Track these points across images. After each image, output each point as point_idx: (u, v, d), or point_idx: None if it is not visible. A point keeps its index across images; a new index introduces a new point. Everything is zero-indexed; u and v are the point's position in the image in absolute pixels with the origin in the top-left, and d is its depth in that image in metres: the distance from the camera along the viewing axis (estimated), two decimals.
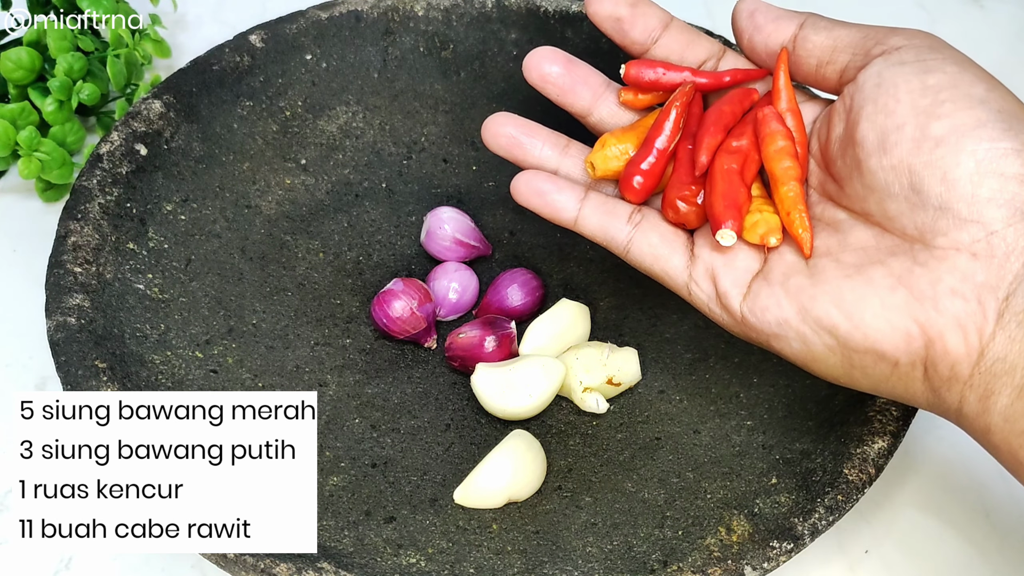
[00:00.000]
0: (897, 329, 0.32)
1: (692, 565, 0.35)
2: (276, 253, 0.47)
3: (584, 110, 0.41)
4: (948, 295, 0.31)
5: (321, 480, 0.39)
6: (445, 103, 0.52)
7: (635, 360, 0.43)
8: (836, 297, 0.33)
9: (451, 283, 0.46)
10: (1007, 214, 0.31)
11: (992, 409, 0.31)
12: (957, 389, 0.32)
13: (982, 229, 0.31)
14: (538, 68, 0.40)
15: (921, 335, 0.32)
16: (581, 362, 0.42)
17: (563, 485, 0.40)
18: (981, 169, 0.31)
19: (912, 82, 0.33)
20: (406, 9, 0.51)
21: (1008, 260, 0.31)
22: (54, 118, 0.51)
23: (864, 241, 0.34)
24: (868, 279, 0.33)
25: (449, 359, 0.44)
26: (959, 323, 0.31)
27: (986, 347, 0.31)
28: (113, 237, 0.42)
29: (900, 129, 0.33)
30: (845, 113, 0.35)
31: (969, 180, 0.31)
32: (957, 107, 0.32)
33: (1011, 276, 0.31)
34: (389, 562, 0.36)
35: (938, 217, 0.32)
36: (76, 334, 0.38)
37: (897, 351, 0.32)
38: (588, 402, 0.42)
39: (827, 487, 0.36)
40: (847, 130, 0.35)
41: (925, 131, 0.32)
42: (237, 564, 0.33)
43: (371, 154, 0.51)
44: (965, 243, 0.31)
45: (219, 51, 0.48)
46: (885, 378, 0.33)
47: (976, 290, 0.31)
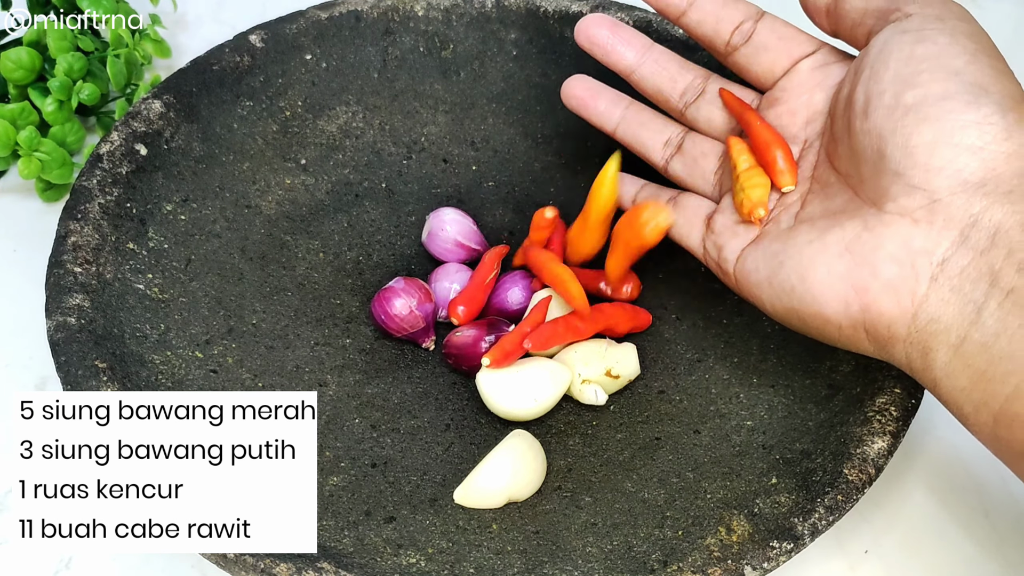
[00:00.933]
0: (838, 295, 0.34)
1: (692, 565, 0.35)
2: (276, 253, 0.47)
3: (628, 68, 0.44)
4: (886, 260, 0.33)
5: (321, 480, 0.39)
6: (445, 103, 0.52)
7: (634, 354, 0.43)
8: (796, 263, 0.36)
9: (453, 284, 0.46)
10: (953, 183, 0.32)
11: (934, 365, 0.33)
12: (900, 347, 0.34)
13: (927, 196, 0.33)
14: (586, 32, 0.44)
15: (857, 300, 0.34)
16: (579, 355, 0.42)
17: (563, 485, 0.40)
18: (938, 139, 0.32)
19: (904, 51, 0.35)
20: (406, 9, 0.51)
21: (947, 227, 0.32)
22: (54, 118, 0.51)
23: (840, 205, 0.36)
24: (824, 245, 0.35)
25: (445, 356, 0.44)
26: (892, 287, 0.33)
27: (919, 309, 0.32)
28: (113, 237, 0.42)
29: (881, 95, 0.34)
30: (852, 75, 0.37)
31: (926, 149, 0.33)
32: (932, 77, 0.33)
33: (947, 243, 0.32)
34: (389, 562, 0.36)
35: (892, 182, 0.33)
36: (76, 334, 0.38)
37: (838, 316, 0.34)
38: (587, 394, 0.42)
39: (827, 487, 0.36)
40: (849, 92, 0.36)
41: (899, 99, 0.34)
42: (237, 564, 0.33)
43: (371, 154, 0.51)
44: (909, 209, 0.33)
45: (219, 51, 0.48)
46: (836, 338, 0.35)
47: (911, 255, 0.32)
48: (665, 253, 0.49)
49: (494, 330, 0.43)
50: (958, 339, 0.32)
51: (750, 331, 0.45)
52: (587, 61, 0.45)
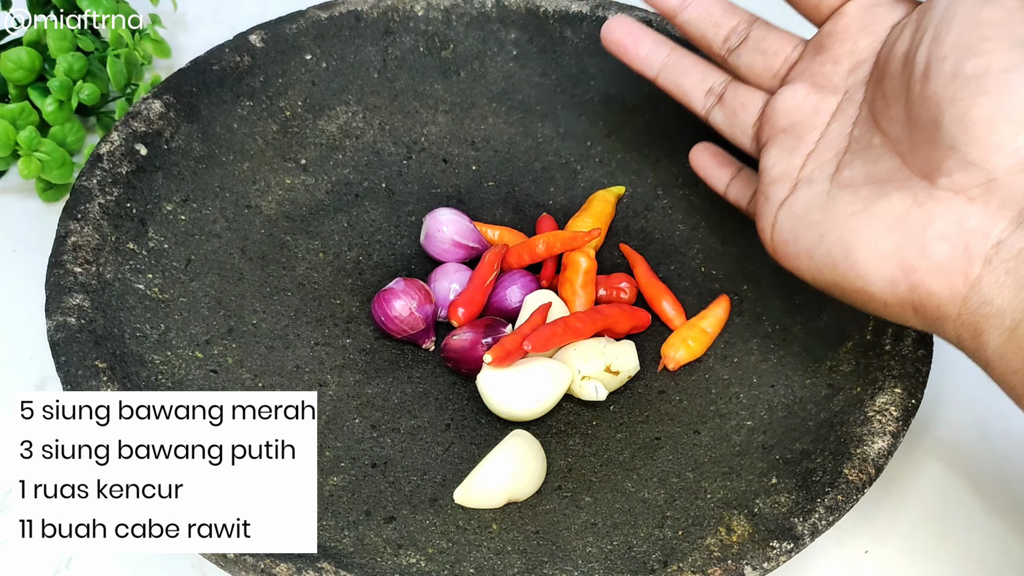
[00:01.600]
0: (884, 274, 0.33)
1: (692, 565, 0.35)
2: (276, 253, 0.47)
3: (673, 10, 0.42)
4: (937, 239, 0.32)
5: (321, 480, 0.39)
6: (445, 103, 0.52)
7: (633, 350, 0.43)
8: (839, 237, 0.34)
9: (452, 284, 0.46)
10: (1013, 162, 0.31)
11: (986, 347, 0.32)
12: (950, 326, 0.32)
13: (984, 175, 0.31)
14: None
15: (905, 279, 0.32)
16: (579, 352, 0.42)
17: (563, 485, 0.40)
18: (1000, 114, 0.31)
19: (968, 13, 0.32)
20: (406, 9, 0.51)
21: (1003, 207, 0.31)
22: (54, 118, 0.51)
23: (885, 172, 0.34)
24: (869, 218, 0.33)
25: (444, 359, 0.44)
26: (943, 267, 0.32)
27: (971, 291, 0.31)
28: (113, 237, 0.42)
29: (941, 62, 0.32)
30: (912, 32, 0.35)
31: (985, 123, 0.31)
32: (997, 45, 0.31)
33: (1004, 223, 0.31)
34: (389, 562, 0.36)
35: (947, 156, 0.32)
36: (76, 334, 0.38)
37: (884, 293, 0.33)
38: (587, 389, 0.42)
39: (827, 487, 0.36)
40: (908, 50, 0.34)
41: (960, 67, 0.32)
42: (237, 564, 0.33)
43: (371, 154, 0.51)
44: (964, 187, 0.32)
45: (219, 51, 0.48)
46: (882, 313, 0.34)
47: (965, 235, 0.31)
48: (664, 254, 0.49)
49: (491, 332, 0.43)
50: (1013, 322, 0.30)
51: (750, 331, 0.45)
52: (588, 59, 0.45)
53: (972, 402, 0.47)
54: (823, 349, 0.42)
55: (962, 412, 0.47)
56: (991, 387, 0.33)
